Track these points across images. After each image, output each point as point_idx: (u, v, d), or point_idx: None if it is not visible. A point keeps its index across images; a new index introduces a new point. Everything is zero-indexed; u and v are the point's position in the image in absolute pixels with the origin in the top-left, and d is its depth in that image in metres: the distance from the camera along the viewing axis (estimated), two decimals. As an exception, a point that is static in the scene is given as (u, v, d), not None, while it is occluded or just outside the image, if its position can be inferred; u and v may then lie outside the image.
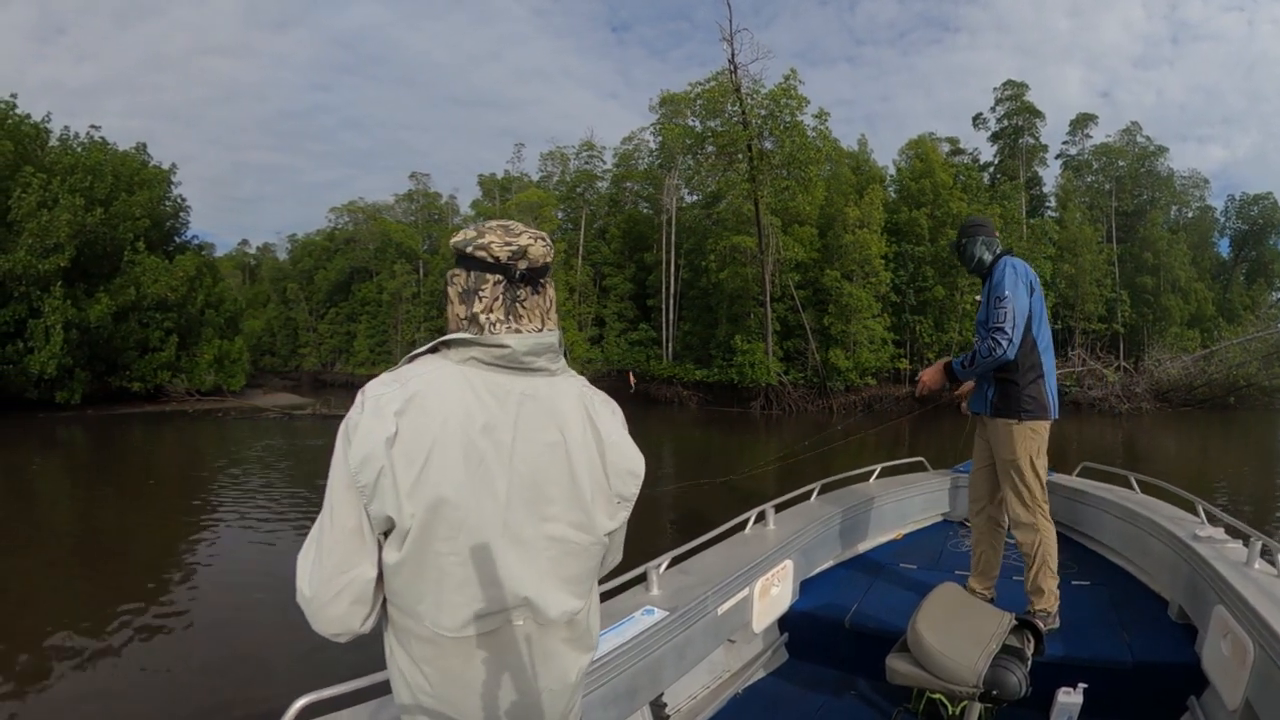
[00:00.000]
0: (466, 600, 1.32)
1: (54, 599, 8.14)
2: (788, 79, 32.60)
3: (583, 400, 1.47)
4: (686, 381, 36.66)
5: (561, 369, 1.47)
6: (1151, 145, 46.28)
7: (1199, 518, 4.19)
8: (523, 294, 1.44)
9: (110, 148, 34.61)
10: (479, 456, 1.32)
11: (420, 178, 61.13)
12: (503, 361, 1.38)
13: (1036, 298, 3.72)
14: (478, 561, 1.32)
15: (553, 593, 1.39)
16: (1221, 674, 2.97)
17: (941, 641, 2.73)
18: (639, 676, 2.88)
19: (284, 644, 6.37)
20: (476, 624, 1.34)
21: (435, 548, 1.30)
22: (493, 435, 1.33)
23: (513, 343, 1.37)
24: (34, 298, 27.48)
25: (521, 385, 1.38)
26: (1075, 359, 36.06)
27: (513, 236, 1.44)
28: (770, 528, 4.30)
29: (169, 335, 32.60)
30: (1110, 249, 43.32)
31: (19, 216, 26.93)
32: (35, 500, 14.66)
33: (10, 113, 30.24)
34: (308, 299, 63.79)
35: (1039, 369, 3.72)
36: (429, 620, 1.33)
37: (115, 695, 5.82)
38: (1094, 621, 3.87)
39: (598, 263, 44.69)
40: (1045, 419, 3.73)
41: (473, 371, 1.36)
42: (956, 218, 35.78)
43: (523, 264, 1.43)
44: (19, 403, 27.45)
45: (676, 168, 39.93)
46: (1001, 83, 46.51)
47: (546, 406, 1.40)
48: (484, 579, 1.33)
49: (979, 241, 3.90)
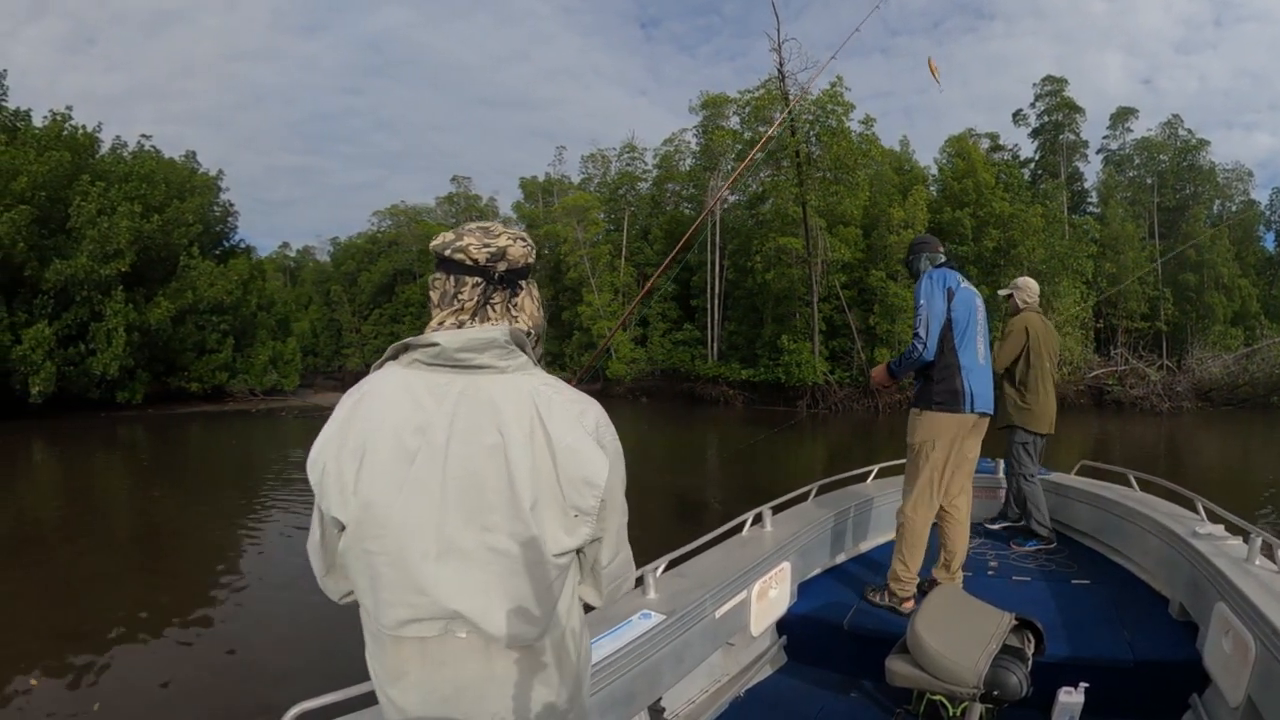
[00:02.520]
0: (398, 602, 1.29)
1: (107, 590, 8.18)
2: (834, 85, 32.40)
3: (533, 399, 1.34)
4: (732, 381, 36.20)
5: (517, 366, 1.37)
6: (1193, 139, 44.76)
7: (1198, 515, 4.19)
8: (496, 296, 1.42)
9: (161, 156, 35.07)
10: (409, 457, 1.28)
11: (461, 180, 61.27)
12: (439, 360, 1.34)
13: (959, 302, 3.98)
14: (406, 565, 1.28)
15: (497, 611, 1.30)
16: (1223, 671, 2.94)
17: (941, 642, 2.71)
18: (637, 681, 2.82)
19: (317, 641, 6.33)
20: (413, 627, 1.30)
21: (366, 546, 1.29)
22: (426, 435, 1.29)
23: (443, 340, 1.33)
24: (95, 302, 27.69)
25: (461, 384, 1.33)
26: (1118, 358, 35.50)
27: (491, 238, 1.42)
28: (768, 529, 4.24)
29: (225, 337, 33.10)
30: (1153, 246, 42.22)
31: (78, 224, 27.10)
32: (97, 496, 14.71)
33: (65, 124, 30.51)
34: (351, 300, 64.05)
35: (954, 366, 3.96)
36: (372, 615, 1.33)
37: (153, 683, 5.82)
38: (1095, 620, 3.87)
39: (640, 263, 44.26)
40: (956, 412, 3.95)
41: (414, 373, 1.34)
42: (1000, 217, 35.28)
43: (502, 265, 1.42)
44: (81, 402, 27.72)
45: (719, 170, 39.60)
46: (1041, 78, 45.48)
47: (487, 406, 1.32)
48: (413, 584, 1.28)
49: (923, 257, 4.23)
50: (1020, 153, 46.03)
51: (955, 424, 3.97)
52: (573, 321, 42.74)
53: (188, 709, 5.41)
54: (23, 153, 26.45)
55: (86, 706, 5.42)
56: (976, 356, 4.05)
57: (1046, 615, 3.65)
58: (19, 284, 26.28)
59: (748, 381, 35.53)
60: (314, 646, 6.29)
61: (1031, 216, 35.35)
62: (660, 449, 21.19)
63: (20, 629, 6.94)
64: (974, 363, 4.01)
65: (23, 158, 26.08)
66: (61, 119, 30.50)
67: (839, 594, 4.35)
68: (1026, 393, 5.51)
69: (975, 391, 3.97)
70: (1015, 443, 5.51)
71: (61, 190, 27.36)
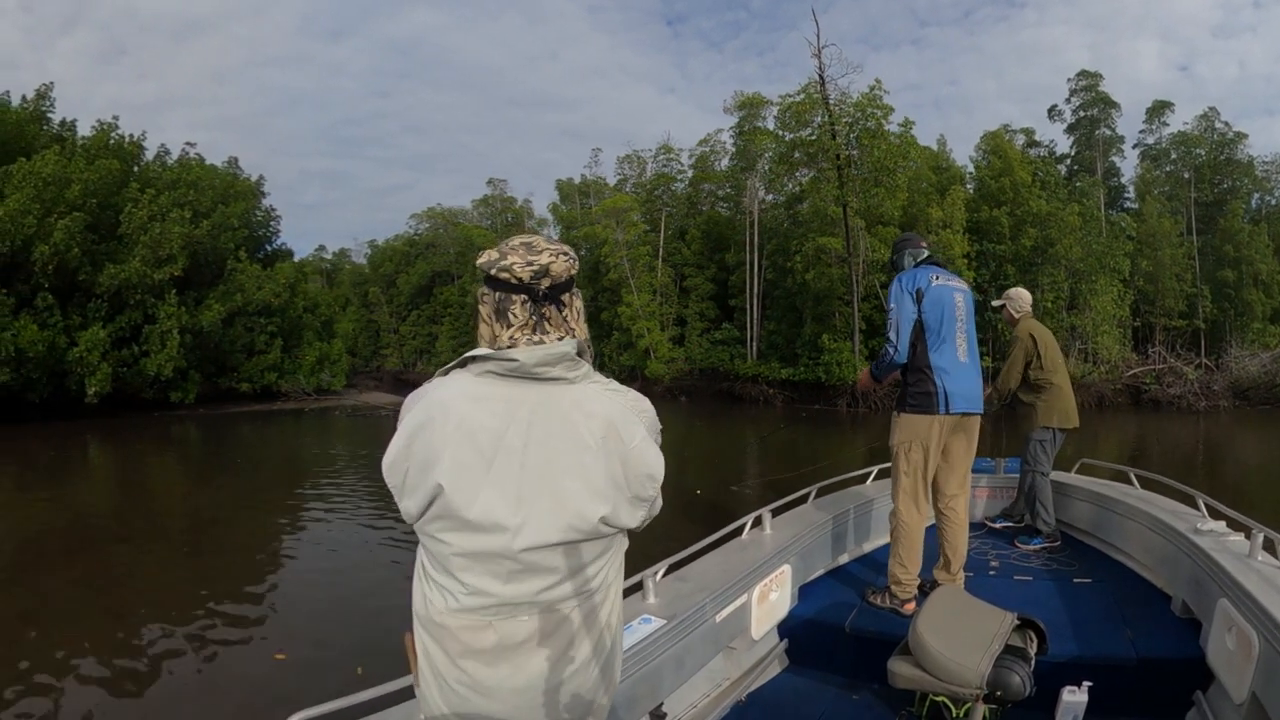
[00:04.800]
0: (479, 586, 1.37)
1: (155, 583, 8.32)
2: (873, 89, 32.08)
3: (605, 405, 1.45)
4: (772, 380, 35.80)
5: (582, 376, 1.46)
6: (1230, 132, 43.36)
7: (1200, 511, 4.16)
8: (548, 310, 1.47)
9: (204, 163, 35.55)
10: (488, 461, 1.36)
11: (497, 183, 61.00)
12: (516, 373, 1.40)
13: (929, 303, 3.89)
14: (487, 557, 1.37)
15: (566, 588, 1.42)
16: (1227, 667, 2.89)
17: (943, 644, 2.68)
18: (638, 686, 2.78)
19: (360, 634, 6.36)
20: (485, 614, 1.38)
21: (451, 541, 1.38)
22: (502, 441, 1.37)
23: (521, 356, 1.40)
24: (148, 305, 27.91)
25: (536, 394, 1.41)
26: (1155, 356, 34.92)
27: (534, 255, 1.46)
28: (767, 533, 4.18)
29: (273, 338, 33.37)
30: (1191, 242, 41.20)
31: (129, 230, 27.29)
32: (151, 492, 14.94)
33: (112, 133, 30.88)
34: (389, 302, 64.27)
35: (927, 368, 3.89)
36: (439, 602, 1.41)
37: (191, 670, 5.94)
38: (1097, 619, 3.82)
39: (678, 264, 43.95)
40: (930, 413, 3.88)
41: (486, 383, 1.41)
42: (1037, 216, 34.64)
43: (546, 282, 1.46)
44: (135, 402, 27.97)
45: (756, 171, 39.20)
46: (1075, 73, 44.49)
47: (562, 413, 1.41)
48: (493, 572, 1.37)
49: (905, 254, 4.17)
50: (1056, 148, 45.10)
51: (930, 425, 3.91)
52: (611, 322, 42.58)
53: (226, 695, 5.49)
54: (75, 162, 26.74)
55: (129, 688, 5.62)
56: (956, 355, 3.96)
57: (1049, 614, 3.52)
58: (74, 288, 26.47)
59: (788, 380, 35.11)
60: (356, 640, 6.27)
61: (1068, 215, 34.67)
62: (699, 447, 21.01)
63: (77, 615, 7.15)
64: (951, 363, 3.93)
65: (74, 167, 26.36)
66: (108, 128, 30.88)
67: (840, 596, 4.30)
68: (1043, 393, 5.48)
69: (951, 391, 3.89)
70: (1034, 439, 5.45)
71: (111, 197, 27.56)
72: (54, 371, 25.05)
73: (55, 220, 24.64)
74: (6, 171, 24.75)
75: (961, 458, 4.10)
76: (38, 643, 6.34)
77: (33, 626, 6.74)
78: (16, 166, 24.78)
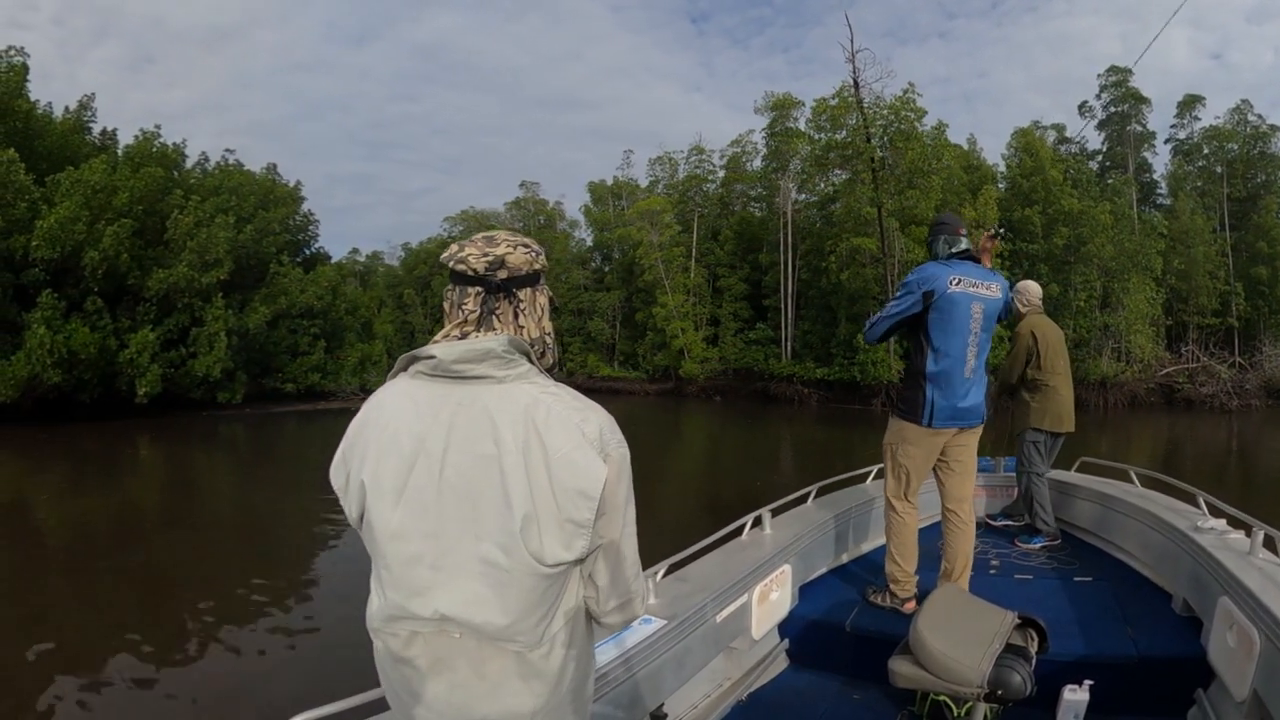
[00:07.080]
0: (399, 599, 1.29)
1: (202, 575, 8.44)
2: (906, 92, 31.95)
3: (531, 408, 1.28)
4: (807, 380, 35.38)
5: (517, 375, 1.31)
6: (1264, 124, 41.88)
7: (1200, 509, 4.12)
8: (499, 304, 1.37)
9: (244, 169, 35.92)
10: (408, 466, 1.28)
11: (530, 185, 60.65)
12: (438, 371, 1.31)
13: (939, 308, 3.63)
14: (403, 567, 1.28)
15: (489, 621, 1.26)
16: (1228, 666, 2.84)
17: (944, 643, 2.64)
18: (639, 687, 2.72)
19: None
20: (409, 624, 1.30)
21: (374, 548, 1.32)
22: (424, 445, 1.28)
23: (439, 353, 1.31)
24: (195, 308, 27.99)
25: (459, 394, 1.29)
26: (1188, 355, 34.27)
27: (492, 247, 1.38)
28: (767, 532, 4.10)
29: (316, 340, 33.43)
30: (1224, 239, 40.12)
31: (175, 235, 27.38)
32: (199, 489, 15.21)
33: (155, 140, 31.06)
34: (423, 304, 64.37)
35: (920, 374, 3.72)
36: (375, 607, 1.35)
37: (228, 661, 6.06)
38: (1098, 617, 3.77)
39: (711, 264, 43.52)
40: (914, 422, 3.74)
41: (418, 384, 1.33)
42: (1069, 215, 33.90)
43: (502, 274, 1.37)
44: (184, 402, 28.02)
45: (789, 171, 38.79)
46: (1105, 68, 43.19)
47: (484, 416, 1.27)
48: (410, 589, 1.28)
49: (940, 240, 3.86)
50: (1087, 145, 44.13)
51: (916, 432, 3.77)
52: (646, 322, 42.32)
53: (264, 687, 5.57)
54: (121, 170, 26.97)
55: (164, 673, 5.78)
56: (958, 368, 3.68)
57: (1049, 613, 3.40)
58: (123, 292, 26.61)
59: (822, 380, 34.74)
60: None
61: (1100, 213, 33.92)
62: (733, 446, 20.75)
63: (122, 603, 7.35)
64: (949, 375, 3.67)
65: (121, 175, 26.58)
66: (150, 136, 31.08)
67: (840, 596, 4.24)
68: (1036, 394, 5.32)
69: (939, 406, 3.68)
70: (1025, 441, 5.32)
71: (156, 203, 27.69)
72: (104, 373, 25.12)
73: (104, 226, 24.75)
74: (55, 180, 24.89)
75: (963, 462, 3.95)
76: (92, 624, 6.58)
77: (89, 608, 7.03)
78: (65, 175, 24.89)
